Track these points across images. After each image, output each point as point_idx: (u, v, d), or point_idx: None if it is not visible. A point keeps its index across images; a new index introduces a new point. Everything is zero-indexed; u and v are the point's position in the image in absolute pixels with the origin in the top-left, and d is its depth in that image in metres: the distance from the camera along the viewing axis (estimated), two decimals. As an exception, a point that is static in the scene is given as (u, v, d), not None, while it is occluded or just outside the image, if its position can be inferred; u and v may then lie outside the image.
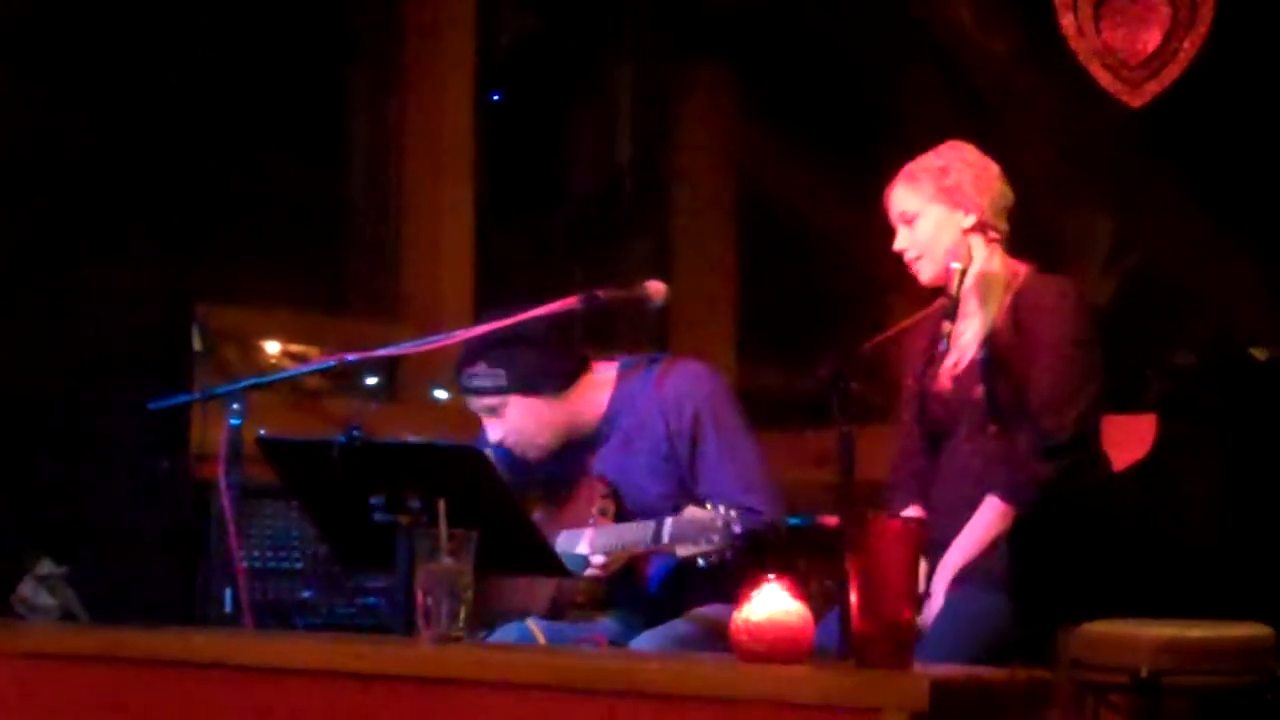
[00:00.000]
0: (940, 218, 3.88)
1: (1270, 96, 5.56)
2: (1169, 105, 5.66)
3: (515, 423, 4.02)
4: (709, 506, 3.69)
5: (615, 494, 4.04)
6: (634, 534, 3.88)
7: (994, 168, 3.92)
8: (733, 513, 3.65)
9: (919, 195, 3.88)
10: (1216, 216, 5.76)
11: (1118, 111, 5.79)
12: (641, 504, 3.99)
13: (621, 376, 4.13)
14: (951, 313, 3.78)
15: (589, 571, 3.93)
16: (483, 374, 4.00)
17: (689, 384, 4.06)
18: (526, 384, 3.99)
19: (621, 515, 4.01)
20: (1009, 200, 3.92)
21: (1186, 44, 5.62)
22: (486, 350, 3.99)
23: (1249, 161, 5.58)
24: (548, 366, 4.02)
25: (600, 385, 4.11)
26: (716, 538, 3.65)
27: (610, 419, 4.09)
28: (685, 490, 3.97)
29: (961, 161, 3.90)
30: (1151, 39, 5.67)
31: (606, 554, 3.90)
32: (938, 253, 3.87)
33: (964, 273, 3.80)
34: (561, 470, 4.11)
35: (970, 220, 3.88)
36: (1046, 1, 5.89)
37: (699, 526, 3.68)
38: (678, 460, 3.99)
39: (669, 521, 3.75)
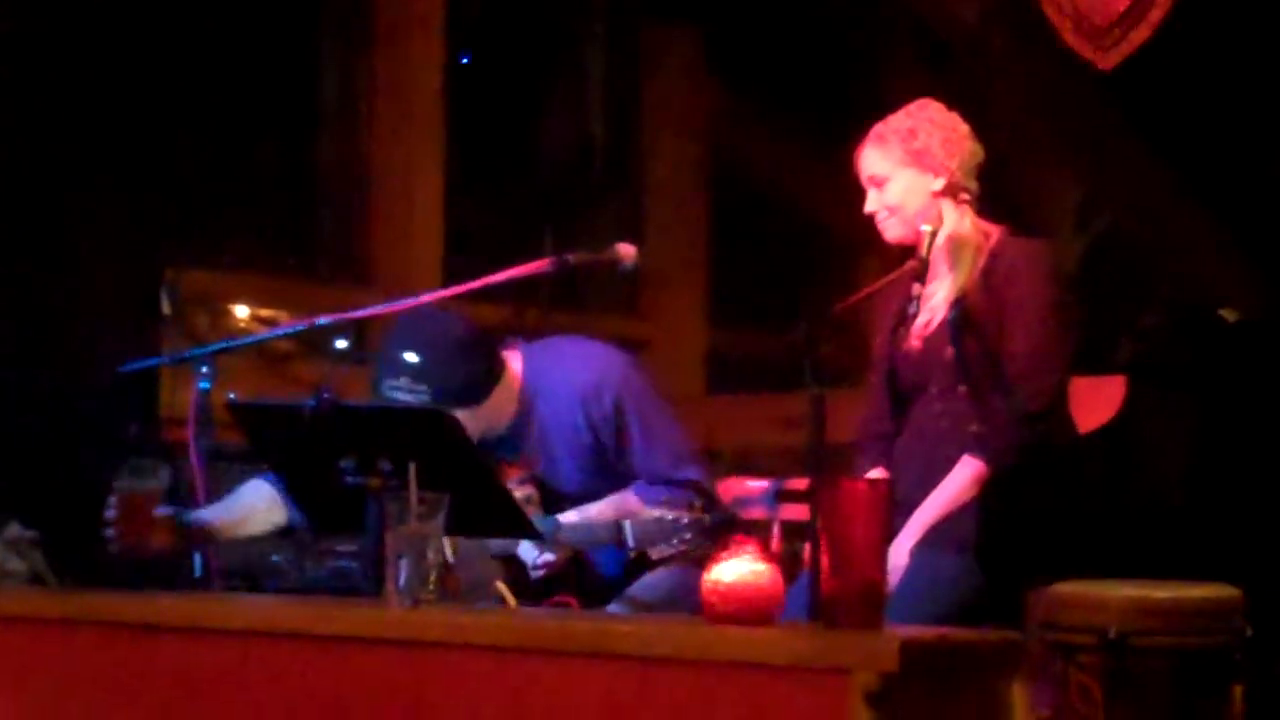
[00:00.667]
0: (909, 181, 3.87)
1: (1239, 59, 5.57)
2: (1138, 68, 5.66)
3: None
4: (662, 507, 3.72)
5: (534, 481, 4.04)
6: (593, 533, 3.88)
7: (963, 126, 3.90)
8: (698, 509, 3.69)
9: (888, 158, 3.87)
10: (1186, 178, 5.77)
11: (1088, 74, 5.79)
12: (564, 490, 3.99)
13: (527, 365, 4.06)
14: (921, 275, 3.77)
15: (539, 564, 3.93)
16: (405, 389, 3.89)
17: (603, 371, 4.03)
18: (450, 399, 3.87)
19: (546, 501, 4.00)
20: (979, 159, 3.91)
21: (1156, 6, 5.62)
22: (408, 364, 3.90)
23: (1218, 123, 5.59)
24: (470, 379, 3.93)
25: (511, 378, 4.04)
26: (689, 535, 3.68)
27: (524, 410, 4.04)
28: (609, 473, 3.97)
29: (930, 122, 3.87)
30: (1121, 1, 5.67)
31: (557, 549, 3.91)
32: (907, 215, 3.87)
33: (934, 235, 3.79)
34: None
35: (940, 183, 3.86)
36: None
37: (664, 529, 3.71)
38: (601, 448, 3.97)
39: (628, 525, 3.76)
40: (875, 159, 3.89)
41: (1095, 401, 3.96)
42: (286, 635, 3.07)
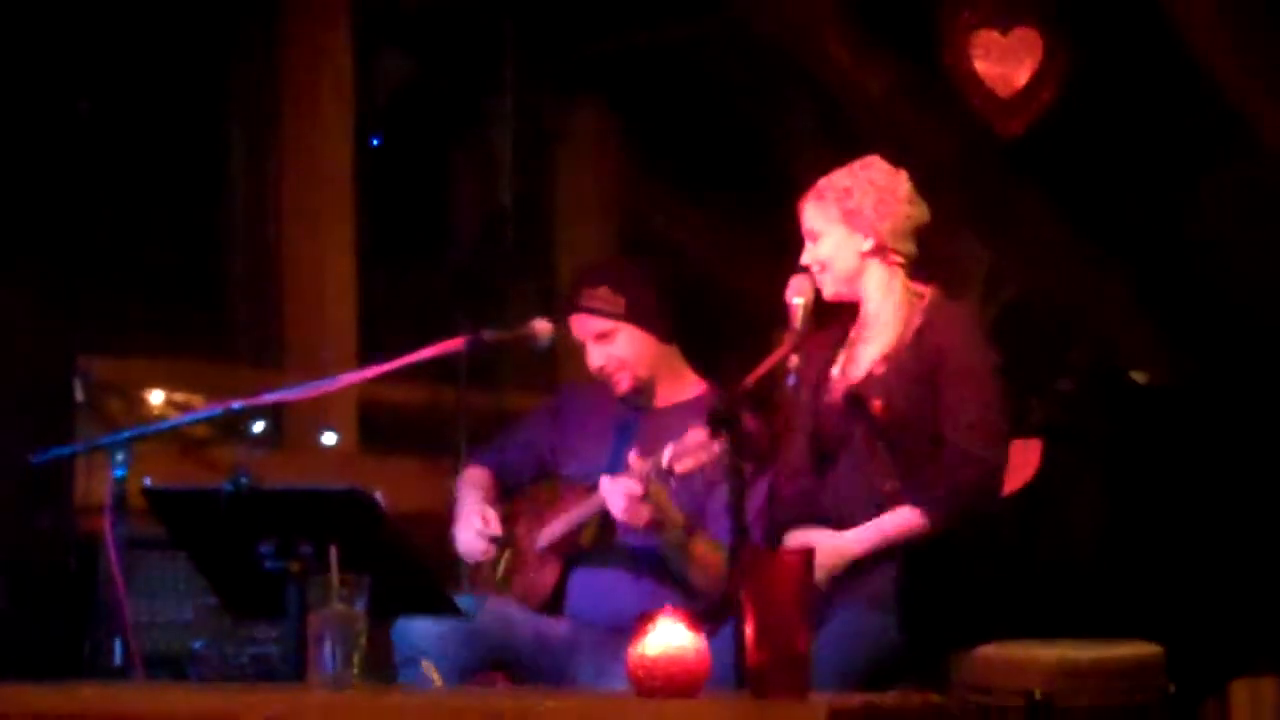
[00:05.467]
0: (840, 239, 3.90)
1: (1143, 125, 5.66)
2: (1044, 136, 5.75)
3: (622, 350, 4.17)
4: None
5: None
6: (641, 470, 3.93)
7: (903, 189, 3.92)
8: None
9: (823, 215, 3.91)
10: (1093, 244, 5.85)
11: (993, 143, 5.87)
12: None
13: (705, 394, 4.25)
14: (797, 347, 3.79)
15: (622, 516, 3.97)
16: (604, 297, 4.15)
17: None
18: (642, 317, 4.18)
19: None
20: (916, 221, 3.93)
21: (1052, 80, 5.72)
22: (609, 277, 4.18)
23: (1124, 190, 5.67)
24: (663, 308, 4.21)
25: (691, 378, 4.28)
26: (716, 448, 3.73)
27: (677, 412, 4.18)
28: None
29: (869, 183, 3.91)
30: (1024, 72, 5.77)
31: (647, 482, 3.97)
32: (836, 273, 3.90)
33: (805, 307, 3.83)
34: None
35: (868, 245, 3.89)
36: (922, 38, 5.97)
37: (698, 444, 3.78)
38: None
39: (670, 446, 3.84)
40: (812, 214, 3.93)
41: (1012, 465, 3.99)
42: (210, 722, 3.04)
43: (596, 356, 4.20)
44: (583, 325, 4.22)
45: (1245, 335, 5.43)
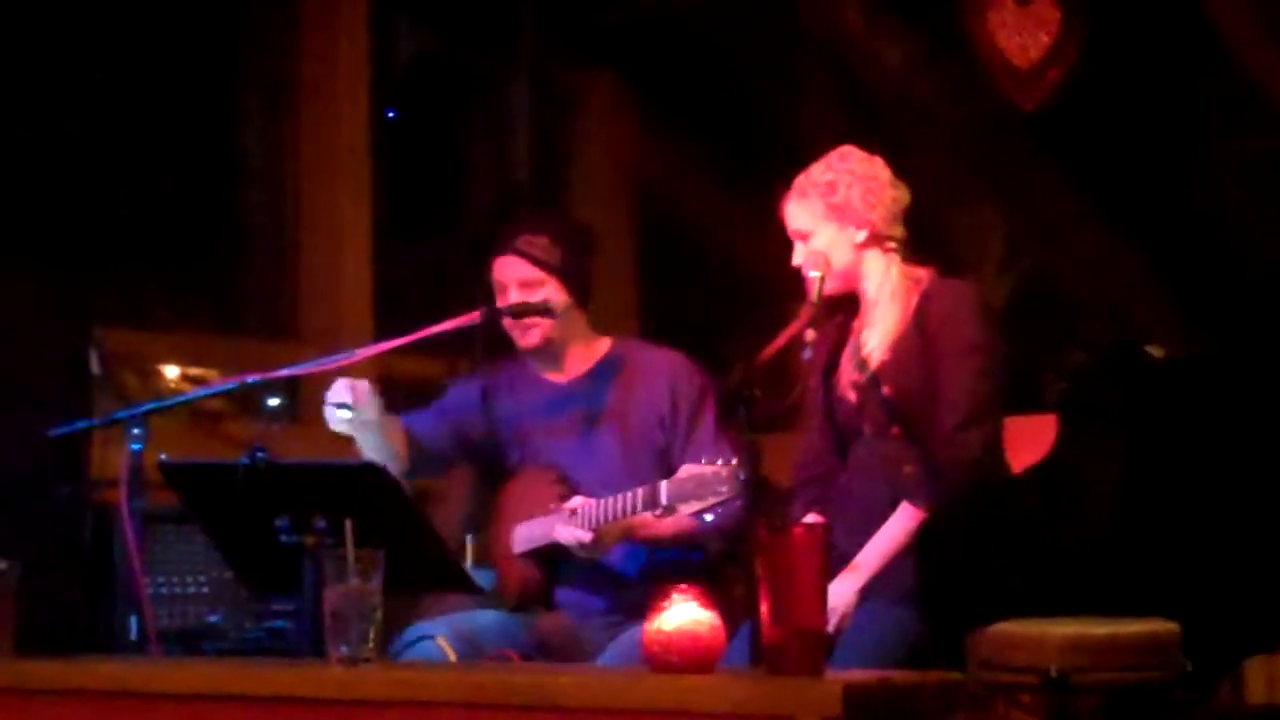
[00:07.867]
0: (832, 236, 3.85)
1: (1159, 98, 5.64)
2: (1062, 107, 5.73)
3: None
4: (705, 461, 3.73)
5: (566, 480, 4.10)
6: (624, 503, 3.90)
7: (884, 174, 3.89)
8: (735, 462, 3.65)
9: (810, 213, 3.86)
10: (1110, 217, 5.83)
11: (1011, 115, 5.85)
12: (600, 474, 4.09)
13: (617, 341, 4.31)
14: (815, 321, 3.74)
15: (581, 552, 4.00)
16: (542, 246, 4.16)
17: (693, 362, 4.23)
18: (570, 276, 4.18)
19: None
20: (902, 204, 3.90)
21: (1070, 49, 5.70)
22: (551, 228, 4.19)
23: (1141, 162, 5.65)
24: (587, 273, 4.24)
25: (597, 341, 4.30)
26: (725, 489, 3.65)
27: (608, 368, 4.25)
28: (652, 461, 4.09)
29: (850, 174, 3.86)
30: (1041, 42, 5.75)
31: (594, 529, 3.96)
32: (832, 271, 3.85)
33: (822, 280, 3.78)
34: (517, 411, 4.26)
35: (862, 235, 3.85)
36: (937, 8, 5.96)
37: (701, 481, 3.69)
38: (667, 426, 4.12)
39: (663, 484, 3.77)
40: (798, 214, 3.89)
41: (1027, 440, 3.98)
42: (226, 698, 3.05)
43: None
44: (511, 268, 4.21)
45: (1262, 307, 5.42)
